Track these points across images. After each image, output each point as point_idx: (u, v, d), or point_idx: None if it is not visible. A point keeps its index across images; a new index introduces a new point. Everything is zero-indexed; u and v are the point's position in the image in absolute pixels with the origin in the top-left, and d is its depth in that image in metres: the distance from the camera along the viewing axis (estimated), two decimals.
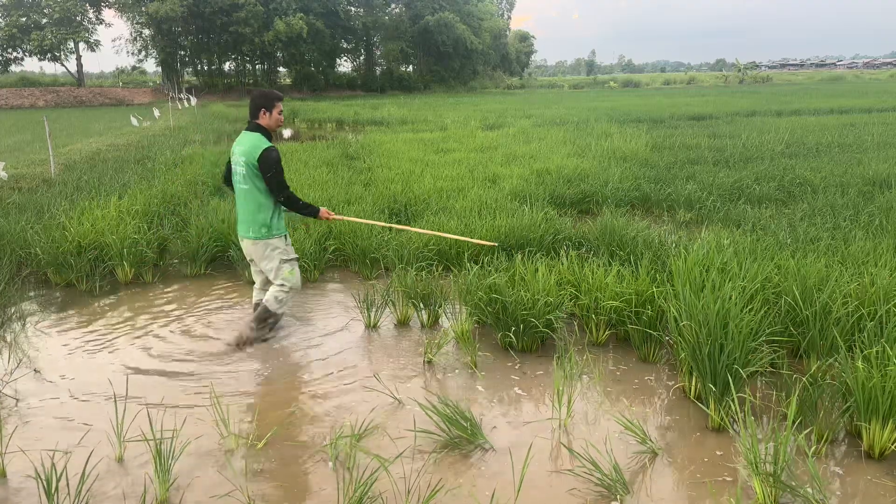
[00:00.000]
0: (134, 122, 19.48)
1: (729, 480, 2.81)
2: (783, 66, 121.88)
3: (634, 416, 3.30)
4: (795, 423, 2.90)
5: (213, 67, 54.53)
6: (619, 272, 4.42)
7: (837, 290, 3.82)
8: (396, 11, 59.74)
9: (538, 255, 5.09)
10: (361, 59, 62.63)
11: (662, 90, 52.96)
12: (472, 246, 5.59)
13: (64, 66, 50.75)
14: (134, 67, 58.54)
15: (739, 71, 69.44)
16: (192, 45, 51.83)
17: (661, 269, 4.60)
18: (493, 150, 12.41)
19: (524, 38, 79.56)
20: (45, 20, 47.31)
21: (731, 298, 3.44)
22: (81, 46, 49.33)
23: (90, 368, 4.04)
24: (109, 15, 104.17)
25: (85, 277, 5.61)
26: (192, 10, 47.60)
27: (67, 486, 2.67)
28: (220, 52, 53.15)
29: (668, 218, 7.48)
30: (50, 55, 47.91)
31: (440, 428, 3.15)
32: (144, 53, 52.82)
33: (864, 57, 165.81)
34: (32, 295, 5.51)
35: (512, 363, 4.02)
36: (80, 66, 50.61)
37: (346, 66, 62.63)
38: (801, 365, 3.79)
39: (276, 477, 2.89)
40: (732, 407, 3.13)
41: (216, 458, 3.03)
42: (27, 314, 5.01)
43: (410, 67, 63.29)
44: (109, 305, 5.24)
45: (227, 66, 56.15)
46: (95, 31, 51.16)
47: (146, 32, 51.11)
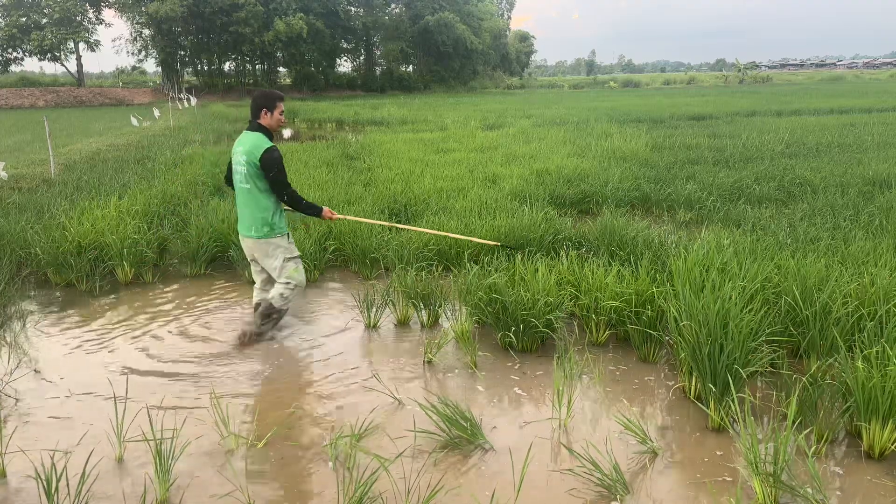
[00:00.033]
0: (134, 122, 19.49)
1: (729, 480, 2.81)
2: (783, 66, 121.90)
3: (634, 416, 3.30)
4: (795, 423, 2.89)
5: (213, 67, 54.53)
6: (619, 272, 4.42)
7: (837, 290, 3.82)
8: (396, 11, 59.73)
9: (538, 255, 5.09)
10: (361, 59, 62.65)
11: (662, 90, 52.96)
12: (472, 246, 5.60)
13: (64, 66, 50.82)
14: (134, 67, 58.57)
15: (739, 71, 69.44)
16: (192, 45, 51.83)
17: (661, 269, 4.60)
18: (493, 150, 12.40)
19: (524, 38, 79.57)
20: (45, 20, 47.30)
21: (731, 298, 3.44)
22: (81, 46, 49.40)
23: (90, 368, 4.03)
24: (109, 15, 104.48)
25: (85, 277, 5.61)
26: (192, 10, 47.60)
27: (67, 486, 2.67)
28: (220, 52, 53.15)
29: (668, 218, 7.48)
30: (50, 55, 47.91)
31: (440, 428, 3.15)
32: (144, 53, 52.89)
33: (864, 57, 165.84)
34: (32, 295, 5.52)
35: (512, 363, 4.02)
36: (80, 66, 50.62)
37: (346, 66, 62.77)
38: (801, 365, 3.79)
39: (276, 477, 2.89)
40: (732, 407, 3.13)
41: (216, 458, 3.03)
42: (27, 314, 5.01)
43: (410, 67, 63.29)
44: (109, 305, 5.24)
45: (227, 66, 56.22)
46: (95, 31, 51.32)
47: (146, 32, 51.14)
